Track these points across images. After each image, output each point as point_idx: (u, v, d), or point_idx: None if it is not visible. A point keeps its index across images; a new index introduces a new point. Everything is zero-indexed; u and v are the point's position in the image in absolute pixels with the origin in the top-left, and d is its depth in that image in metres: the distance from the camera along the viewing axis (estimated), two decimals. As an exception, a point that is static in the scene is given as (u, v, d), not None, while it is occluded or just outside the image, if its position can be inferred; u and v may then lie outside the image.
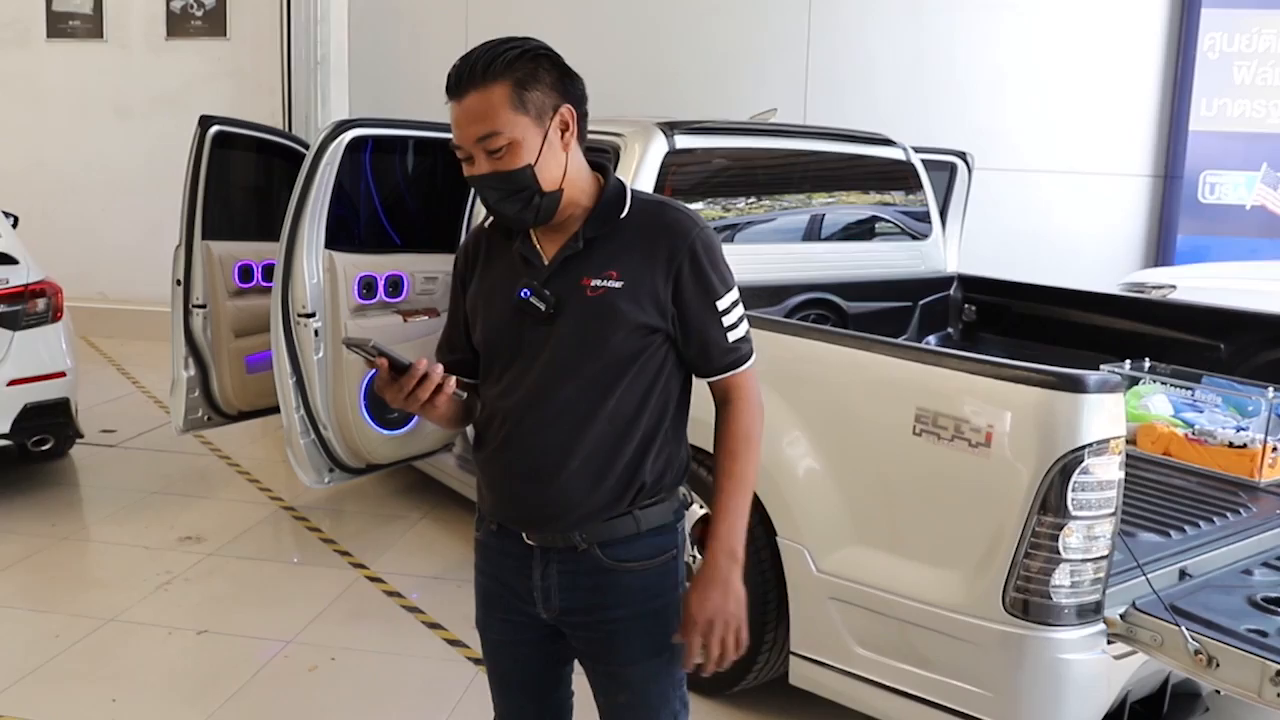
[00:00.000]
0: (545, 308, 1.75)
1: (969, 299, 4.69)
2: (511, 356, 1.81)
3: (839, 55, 7.74)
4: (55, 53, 8.94)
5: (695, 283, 1.75)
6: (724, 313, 1.78)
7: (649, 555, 1.84)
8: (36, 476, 5.22)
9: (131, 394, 7.07)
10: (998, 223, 6.86)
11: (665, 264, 1.74)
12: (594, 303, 1.74)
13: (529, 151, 1.68)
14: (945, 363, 2.63)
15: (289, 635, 3.69)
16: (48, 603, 3.95)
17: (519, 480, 1.82)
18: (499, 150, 1.67)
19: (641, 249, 1.75)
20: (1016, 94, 7.59)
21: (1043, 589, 2.37)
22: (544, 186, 1.70)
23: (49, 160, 8.89)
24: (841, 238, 4.45)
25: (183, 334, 4.68)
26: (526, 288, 1.77)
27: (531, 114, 1.67)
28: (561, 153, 1.72)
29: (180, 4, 8.66)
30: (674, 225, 1.76)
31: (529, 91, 1.66)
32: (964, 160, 5.16)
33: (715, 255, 1.78)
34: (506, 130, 1.66)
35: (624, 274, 1.74)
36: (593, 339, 1.74)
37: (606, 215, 1.77)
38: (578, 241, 1.77)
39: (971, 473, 2.49)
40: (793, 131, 4.42)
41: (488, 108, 1.65)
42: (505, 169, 1.68)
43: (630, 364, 1.76)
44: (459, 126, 1.69)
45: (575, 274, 1.76)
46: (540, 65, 1.69)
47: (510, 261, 1.83)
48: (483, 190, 1.72)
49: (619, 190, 1.80)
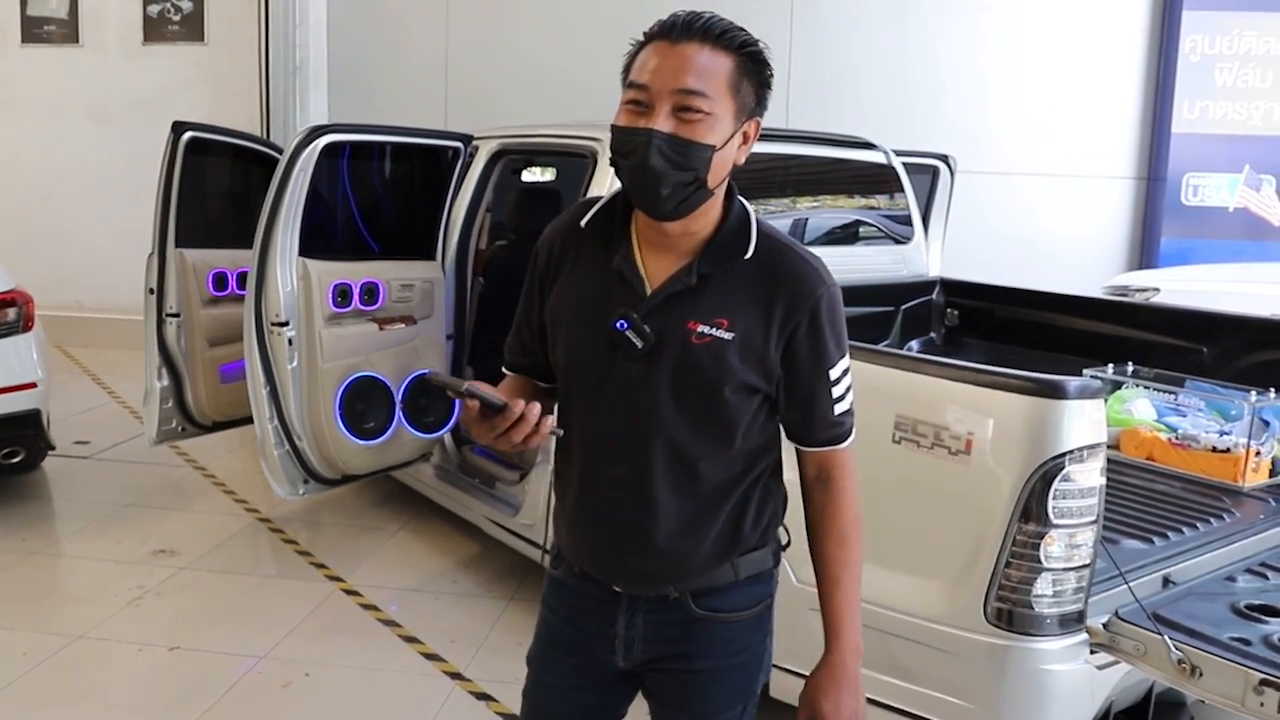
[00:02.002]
0: (643, 346, 1.57)
1: (952, 303, 4.68)
2: (596, 389, 1.63)
3: (821, 59, 7.74)
4: (30, 58, 8.85)
5: (811, 347, 1.59)
6: (835, 382, 1.62)
7: (744, 605, 1.70)
8: (7, 490, 5.14)
9: (106, 404, 7.00)
10: (982, 225, 6.86)
11: (781, 321, 1.57)
12: (698, 352, 1.56)
13: (718, 135, 1.51)
14: (924, 369, 2.60)
15: (262, 651, 3.63)
16: (15, 620, 3.87)
17: (606, 537, 1.67)
18: (694, 114, 1.48)
19: (759, 298, 1.57)
20: (1000, 97, 7.60)
21: (1024, 599, 2.34)
22: (709, 179, 1.52)
23: (24, 166, 8.81)
24: (823, 242, 4.43)
25: (156, 343, 4.64)
26: (624, 319, 1.57)
27: (738, 103, 1.52)
28: (731, 159, 1.56)
29: (157, 9, 8.59)
30: (798, 279, 1.57)
31: (746, 81, 1.53)
32: (946, 163, 5.15)
33: (837, 317, 1.61)
34: (714, 98, 1.49)
35: (736, 324, 1.56)
36: (691, 393, 1.58)
37: (727, 251, 1.59)
38: (690, 275, 1.57)
39: (952, 481, 2.47)
40: (773, 135, 4.38)
41: (711, 67, 1.49)
42: (690, 137, 1.49)
43: (731, 426, 1.60)
44: (661, 70, 1.49)
45: (682, 313, 1.57)
46: (764, 67, 1.56)
47: (605, 277, 1.62)
48: (646, 150, 1.48)
49: (743, 222, 1.61)
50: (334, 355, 3.97)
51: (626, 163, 1.51)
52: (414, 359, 4.20)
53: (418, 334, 4.23)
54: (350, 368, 4.02)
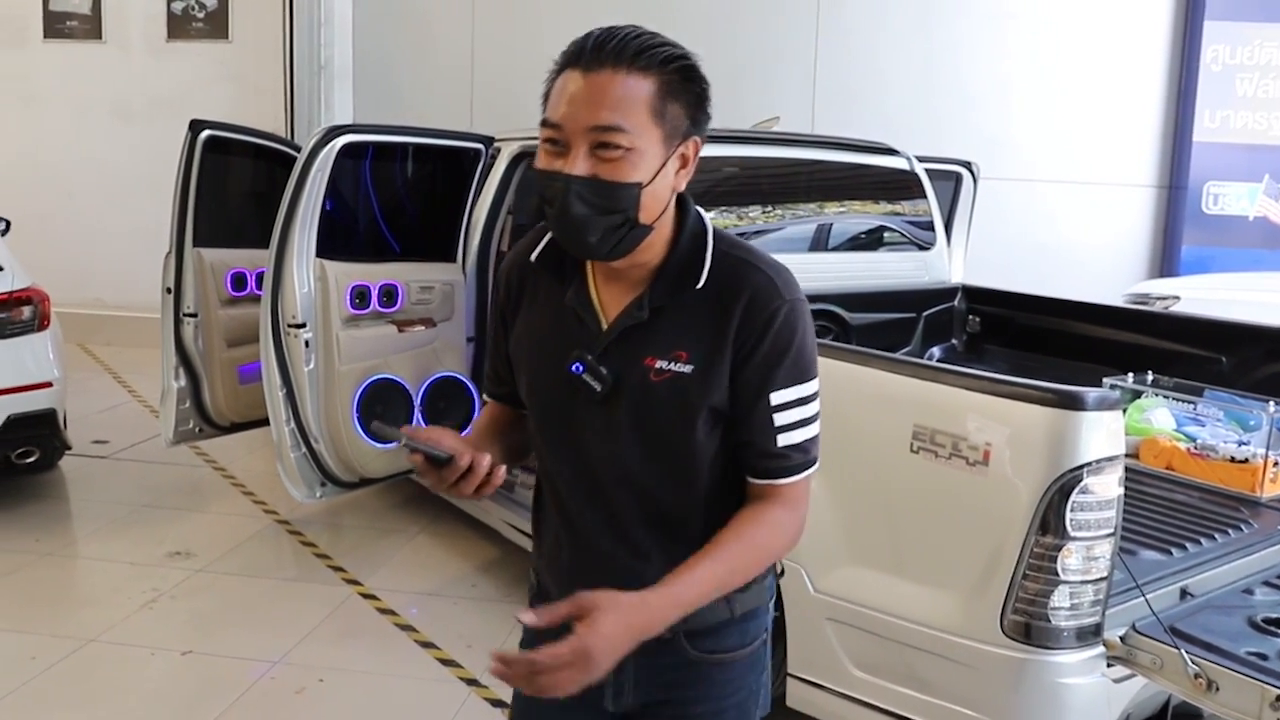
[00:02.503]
0: (601, 389, 1.45)
1: (973, 310, 4.66)
2: (562, 433, 1.52)
3: (846, 65, 7.73)
4: (52, 53, 8.88)
5: (756, 365, 1.42)
6: (778, 408, 1.44)
7: (740, 644, 1.59)
8: (24, 489, 5.13)
9: (126, 403, 7.03)
10: (1004, 232, 6.84)
11: (734, 338, 1.42)
12: (658, 390, 1.44)
13: (645, 169, 1.36)
14: (942, 378, 2.59)
15: (276, 655, 3.62)
16: (26, 623, 3.83)
17: (592, 581, 1.48)
18: (614, 151, 1.34)
19: (716, 319, 1.43)
20: (1023, 104, 7.58)
21: (1042, 611, 2.33)
22: (641, 217, 1.39)
23: (45, 163, 8.84)
24: (844, 248, 4.43)
25: (173, 343, 4.65)
26: (579, 361, 1.46)
27: (665, 129, 1.37)
28: (669, 188, 1.42)
29: (181, 5, 8.63)
30: (755, 293, 1.42)
31: (672, 103, 1.38)
32: (969, 170, 5.13)
33: (796, 336, 1.43)
34: (634, 132, 1.34)
35: (695, 354, 1.43)
36: (657, 436, 1.46)
37: (680, 279, 1.45)
38: (642, 309, 1.45)
39: (969, 492, 2.46)
40: (795, 140, 4.39)
41: (625, 97, 1.34)
42: (612, 178, 1.35)
43: (706, 461, 1.47)
44: (573, 103, 1.35)
45: (638, 349, 1.45)
46: (692, 81, 1.40)
47: (560, 313, 1.51)
48: (565, 197, 1.36)
49: (698, 242, 1.46)
50: (351, 357, 3.97)
51: (550, 210, 1.40)
52: (433, 362, 4.20)
53: (437, 336, 4.23)
54: (368, 370, 4.02)
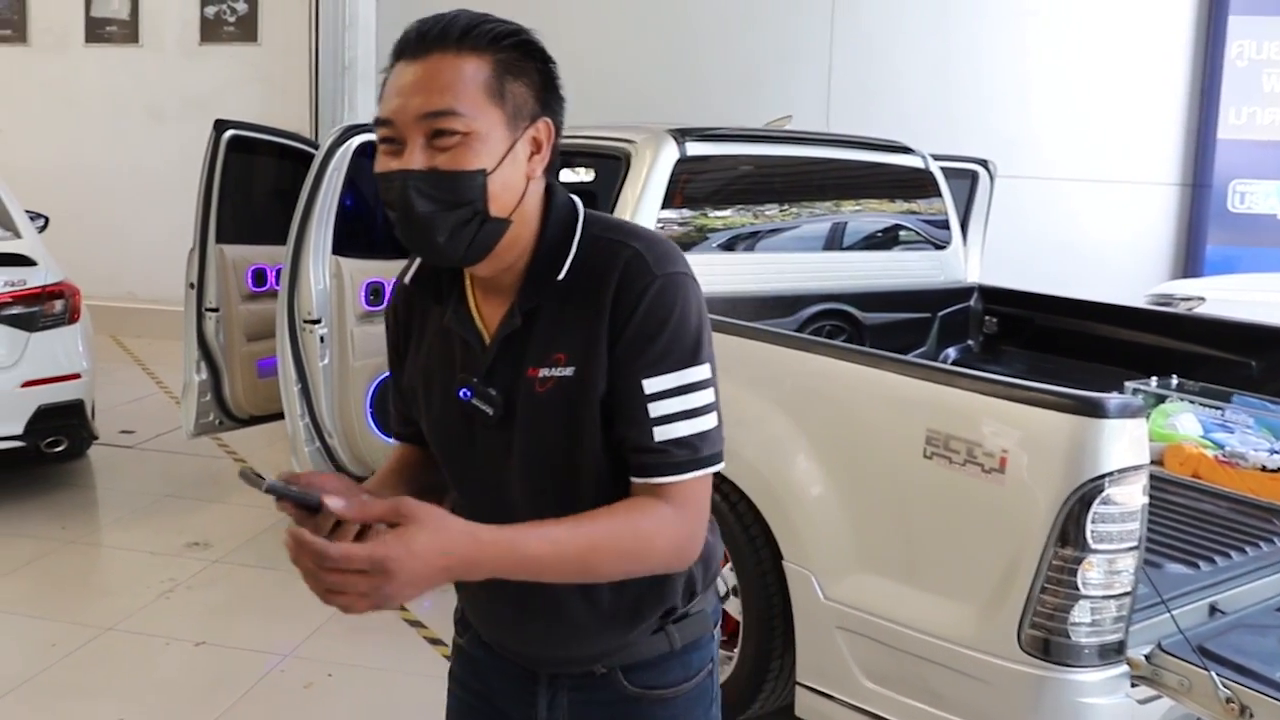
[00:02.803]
0: (494, 413, 1.28)
1: (990, 310, 4.46)
2: (462, 466, 1.36)
3: (862, 63, 7.54)
4: (92, 57, 8.90)
5: (627, 347, 1.24)
6: (654, 398, 1.24)
7: (683, 678, 1.41)
8: (52, 477, 5.12)
9: (154, 394, 6.99)
10: (1024, 231, 6.64)
11: (609, 324, 1.24)
12: (545, 402, 1.27)
13: (488, 155, 1.21)
14: (957, 382, 2.42)
15: (287, 649, 3.53)
16: (48, 609, 3.82)
17: (509, 618, 1.40)
18: (450, 138, 1.19)
19: (589, 313, 1.25)
20: (1043, 101, 7.35)
21: (1061, 627, 2.16)
22: (492, 208, 1.22)
23: (83, 162, 8.85)
24: (858, 247, 4.25)
25: (195, 337, 4.57)
26: (466, 386, 1.30)
27: (507, 110, 1.22)
28: (523, 176, 1.26)
29: (214, 10, 8.58)
30: (624, 272, 1.24)
31: (513, 82, 1.23)
32: (985, 168, 4.95)
33: (673, 316, 1.24)
34: (470, 114, 1.19)
35: (573, 354, 1.26)
36: (556, 450, 1.28)
37: (544, 275, 1.29)
38: (514, 316, 1.29)
39: (985, 500, 2.29)
40: (808, 138, 4.23)
41: (455, 79, 1.20)
42: (451, 167, 1.19)
43: (616, 464, 1.28)
44: (401, 95, 1.21)
45: (519, 362, 1.28)
46: (532, 59, 1.27)
47: (444, 337, 1.35)
48: (404, 195, 1.20)
49: (565, 231, 1.30)
50: (365, 353, 3.87)
51: (394, 214, 1.23)
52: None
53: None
54: (382, 366, 3.89)
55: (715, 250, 3.83)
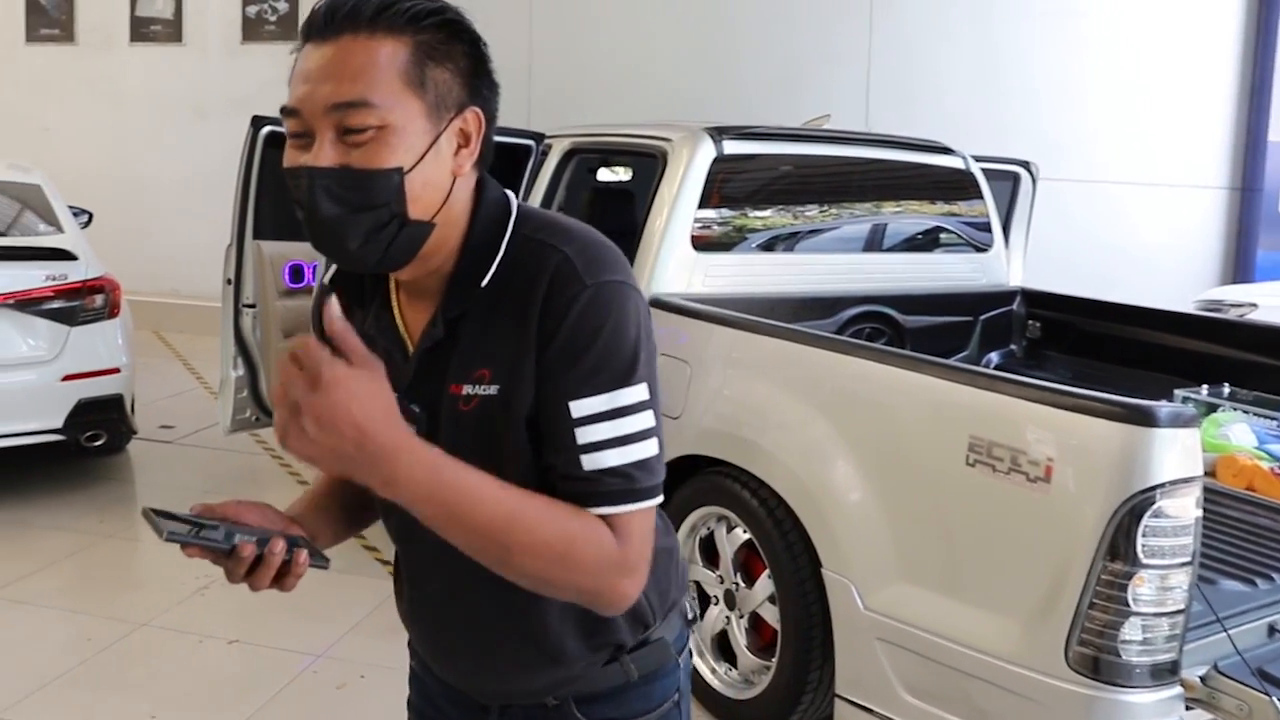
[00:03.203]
0: (416, 429, 1.09)
1: (1033, 314, 4.36)
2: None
3: (902, 63, 7.42)
4: (136, 56, 8.99)
5: (552, 365, 1.10)
6: (582, 421, 1.10)
7: (644, 710, 1.30)
8: (91, 471, 5.15)
9: (194, 389, 7.02)
10: (1070, 234, 6.51)
11: (535, 336, 1.11)
12: (469, 420, 1.14)
13: (405, 150, 1.08)
14: (1001, 388, 2.33)
15: (320, 649, 3.51)
16: (84, 603, 3.84)
17: (453, 646, 1.30)
18: (362, 134, 1.06)
19: (515, 325, 1.12)
20: (1091, 103, 7.19)
21: (1111, 645, 2.07)
22: (410, 210, 1.09)
23: (127, 159, 8.94)
24: (898, 248, 4.16)
25: (232, 333, 4.56)
26: None
27: (428, 100, 1.09)
28: (448, 173, 1.12)
29: (255, 9, 8.63)
30: (553, 277, 1.10)
31: (435, 67, 1.09)
32: (1028, 170, 4.85)
33: (604, 330, 1.10)
34: (385, 106, 1.06)
35: (498, 370, 1.12)
36: (483, 468, 1.10)
37: (469, 280, 1.15)
38: (436, 325, 1.16)
39: (1029, 510, 2.20)
40: (847, 138, 4.15)
41: (368, 64, 1.06)
42: (363, 165, 1.06)
43: (543, 489, 1.13)
44: (308, 81, 1.07)
45: (441, 375, 1.16)
46: (459, 41, 1.13)
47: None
48: (312, 196, 1.07)
49: (492, 231, 1.16)
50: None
51: (302, 214, 1.11)
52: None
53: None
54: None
55: (753, 250, 3.76)
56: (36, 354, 4.61)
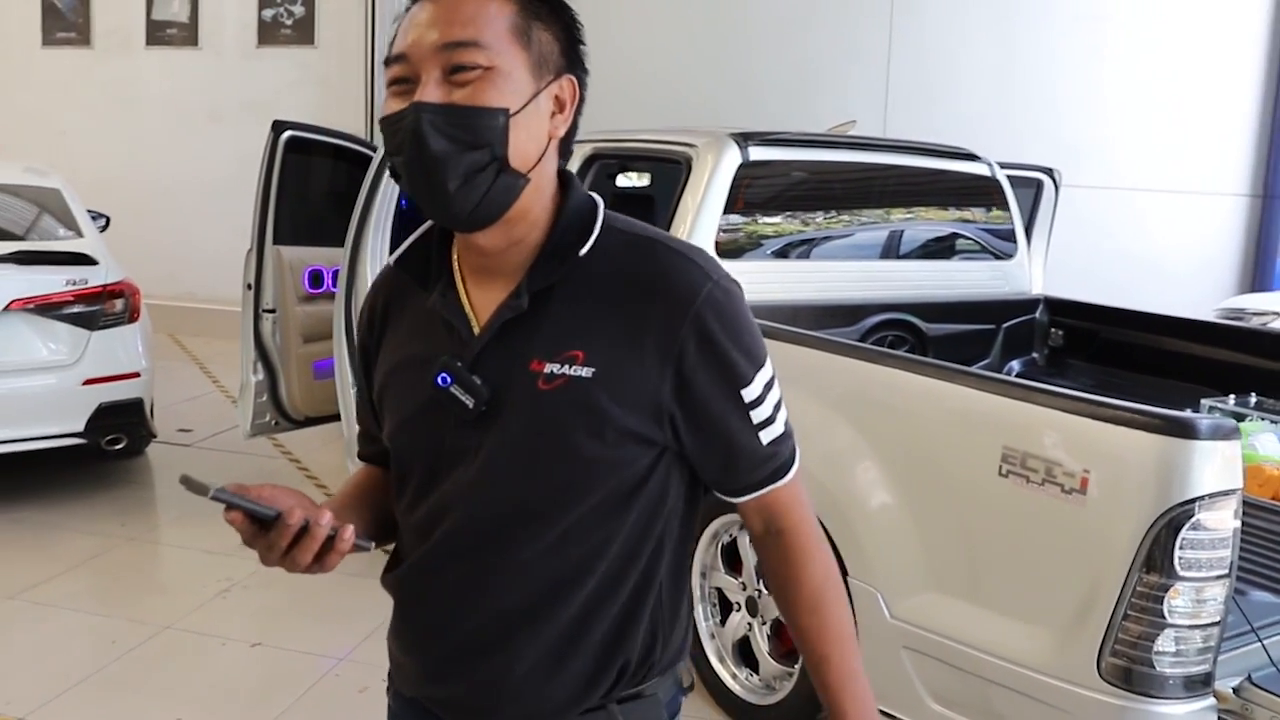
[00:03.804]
0: (475, 404, 1.13)
1: (1056, 322, 4.36)
2: (429, 472, 1.19)
3: (921, 68, 7.41)
4: (153, 59, 9.01)
5: (710, 370, 1.14)
6: (753, 404, 1.17)
7: None
8: (113, 474, 5.18)
9: (211, 393, 7.05)
10: (1087, 241, 6.48)
11: (661, 345, 1.12)
12: (550, 402, 1.12)
13: (512, 94, 1.09)
14: (1036, 398, 2.34)
15: (342, 652, 3.52)
16: (109, 606, 3.87)
17: (442, 652, 1.23)
18: (470, 71, 1.08)
19: (621, 315, 1.13)
20: (1111, 108, 7.17)
21: (1145, 656, 2.07)
22: (513, 158, 1.10)
23: (145, 163, 8.97)
24: (921, 256, 4.17)
25: (252, 338, 4.59)
26: (446, 371, 1.14)
27: (532, 55, 1.12)
28: (545, 133, 1.14)
29: (271, 13, 8.64)
30: (672, 281, 1.13)
31: (540, 28, 1.14)
32: (1050, 176, 4.84)
33: (735, 321, 1.15)
34: (494, 49, 1.09)
35: (594, 354, 1.12)
36: (550, 457, 1.13)
37: (563, 250, 1.16)
38: (520, 297, 1.14)
39: (1064, 522, 2.21)
40: (872, 144, 4.15)
41: (478, 12, 1.10)
42: (471, 102, 1.07)
43: (609, 494, 1.15)
44: (420, 27, 1.10)
45: (520, 352, 1.14)
46: (560, 14, 1.17)
47: (426, 325, 1.20)
48: (416, 128, 1.07)
49: (584, 216, 1.18)
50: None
51: (400, 159, 1.11)
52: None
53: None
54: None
55: (776, 257, 3.77)
56: (57, 358, 4.64)
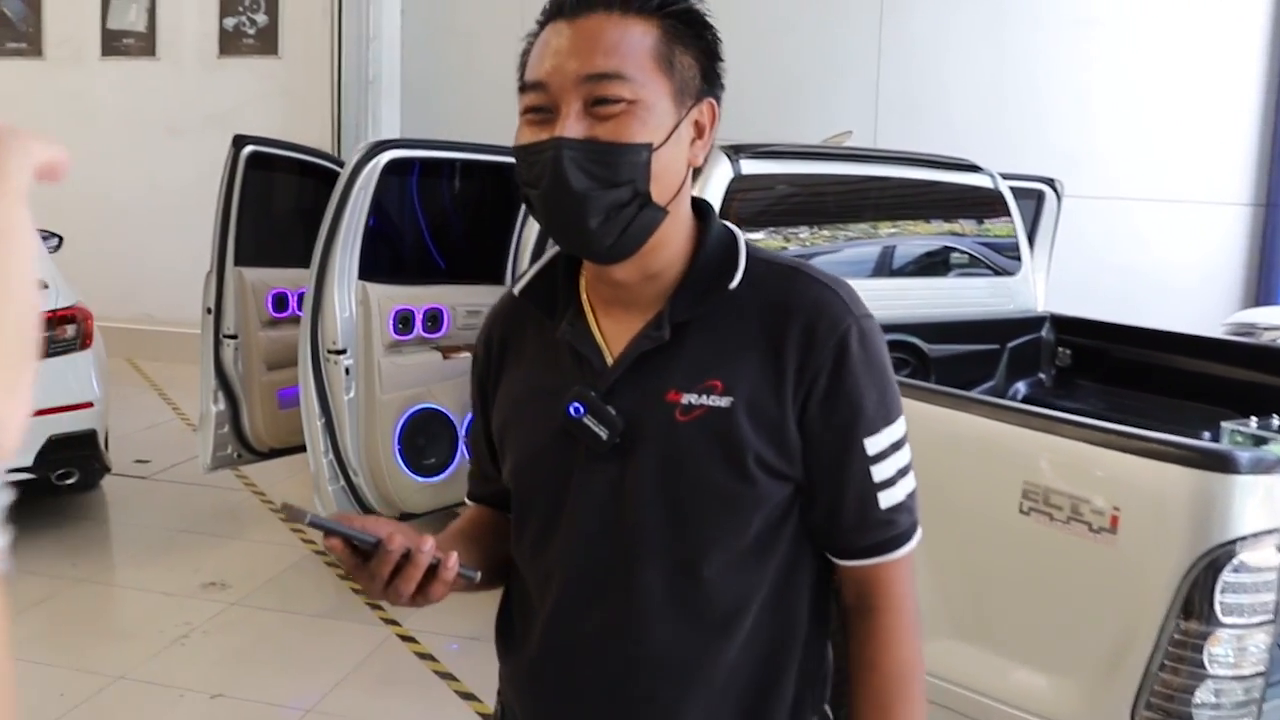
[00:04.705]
0: (609, 436, 1.11)
1: (1063, 341, 4.26)
2: (553, 510, 1.16)
3: (911, 75, 7.36)
4: (108, 71, 8.84)
5: (837, 407, 1.11)
6: (876, 458, 1.13)
7: None
8: (63, 510, 4.99)
9: (170, 421, 6.88)
10: (1084, 254, 6.42)
11: (795, 370, 1.10)
12: (688, 434, 1.10)
13: (655, 128, 1.07)
14: (1059, 429, 2.23)
15: (309, 703, 3.38)
16: (57, 654, 3.68)
17: (584, 708, 1.18)
18: (614, 105, 1.05)
19: (760, 345, 1.11)
20: (1105, 116, 7.13)
21: (1183, 710, 1.96)
22: (654, 192, 1.08)
23: (100, 179, 8.74)
24: (922, 272, 4.07)
25: (212, 366, 4.45)
26: (579, 401, 1.12)
27: (675, 82, 1.09)
28: (685, 161, 1.12)
29: (233, 22, 8.51)
30: (814, 309, 1.11)
31: (682, 52, 1.11)
32: (1052, 188, 4.78)
33: (875, 362, 1.13)
34: (638, 81, 1.06)
35: (735, 383, 1.11)
36: (687, 491, 1.11)
37: (706, 284, 1.14)
38: (660, 328, 1.13)
39: (1092, 564, 2.10)
40: (869, 156, 4.06)
41: (621, 40, 1.07)
42: (614, 139, 1.05)
43: (749, 536, 1.12)
44: (559, 55, 1.07)
45: (657, 382, 1.12)
46: (703, 29, 1.14)
47: (553, 356, 1.19)
48: (557, 164, 1.06)
49: (727, 247, 1.16)
50: (394, 386, 3.75)
51: (536, 192, 1.09)
52: (479, 390, 3.95)
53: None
54: (411, 399, 3.78)
55: (769, 276, 3.66)
56: (4, 388, 4.46)
